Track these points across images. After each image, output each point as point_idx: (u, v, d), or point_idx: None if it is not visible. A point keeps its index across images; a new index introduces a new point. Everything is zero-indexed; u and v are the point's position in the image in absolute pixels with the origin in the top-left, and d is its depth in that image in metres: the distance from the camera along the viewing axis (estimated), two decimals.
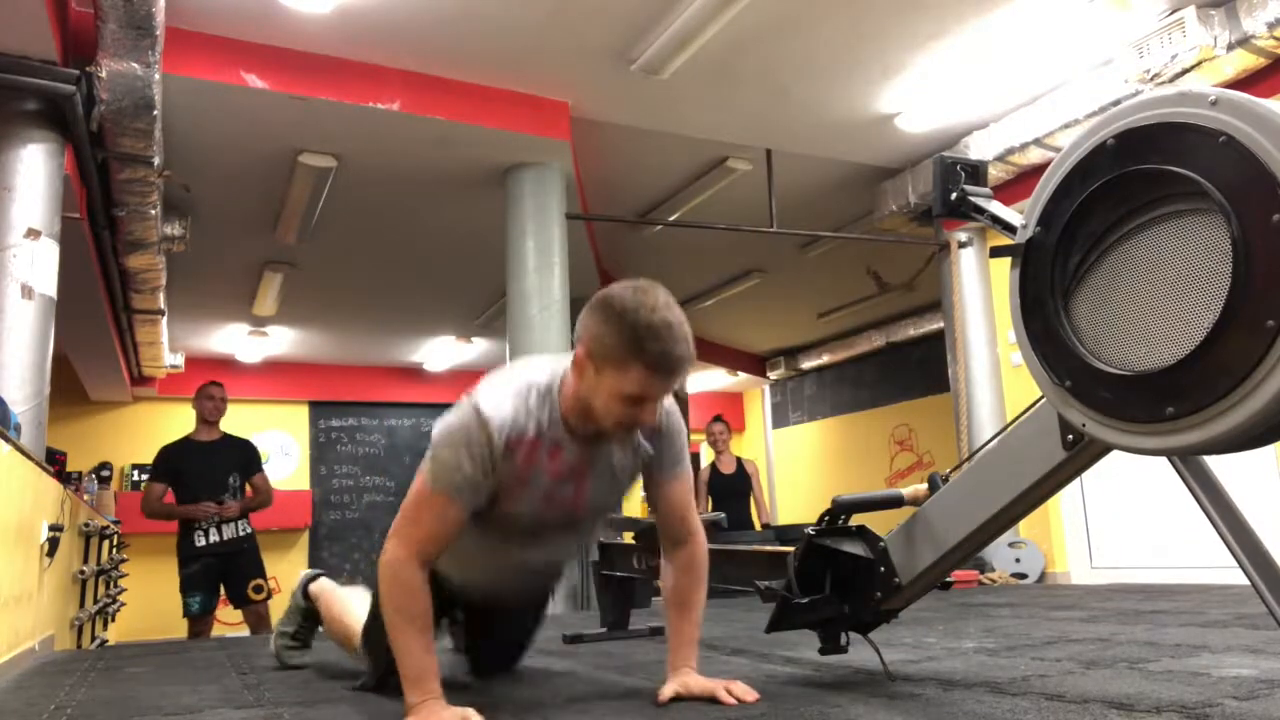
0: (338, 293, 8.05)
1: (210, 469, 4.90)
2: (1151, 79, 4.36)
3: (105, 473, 9.56)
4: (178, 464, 4.88)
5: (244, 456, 5.06)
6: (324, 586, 2.45)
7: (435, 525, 1.58)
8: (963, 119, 5.47)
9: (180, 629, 5.09)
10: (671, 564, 1.80)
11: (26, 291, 3.65)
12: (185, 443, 5.01)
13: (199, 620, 4.84)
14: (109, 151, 4.12)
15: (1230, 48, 4.22)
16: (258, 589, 4.98)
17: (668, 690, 1.65)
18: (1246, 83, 4.41)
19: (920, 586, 1.65)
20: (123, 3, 3.32)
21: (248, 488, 4.99)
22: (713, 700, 1.61)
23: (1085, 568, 5.74)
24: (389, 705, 1.77)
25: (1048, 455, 1.35)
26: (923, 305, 8.85)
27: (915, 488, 1.70)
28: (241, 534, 4.96)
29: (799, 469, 11.58)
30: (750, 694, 1.62)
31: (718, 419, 6.92)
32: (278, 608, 5.16)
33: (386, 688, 1.82)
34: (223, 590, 4.93)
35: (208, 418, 5.01)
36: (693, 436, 11.12)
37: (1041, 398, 1.33)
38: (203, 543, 4.82)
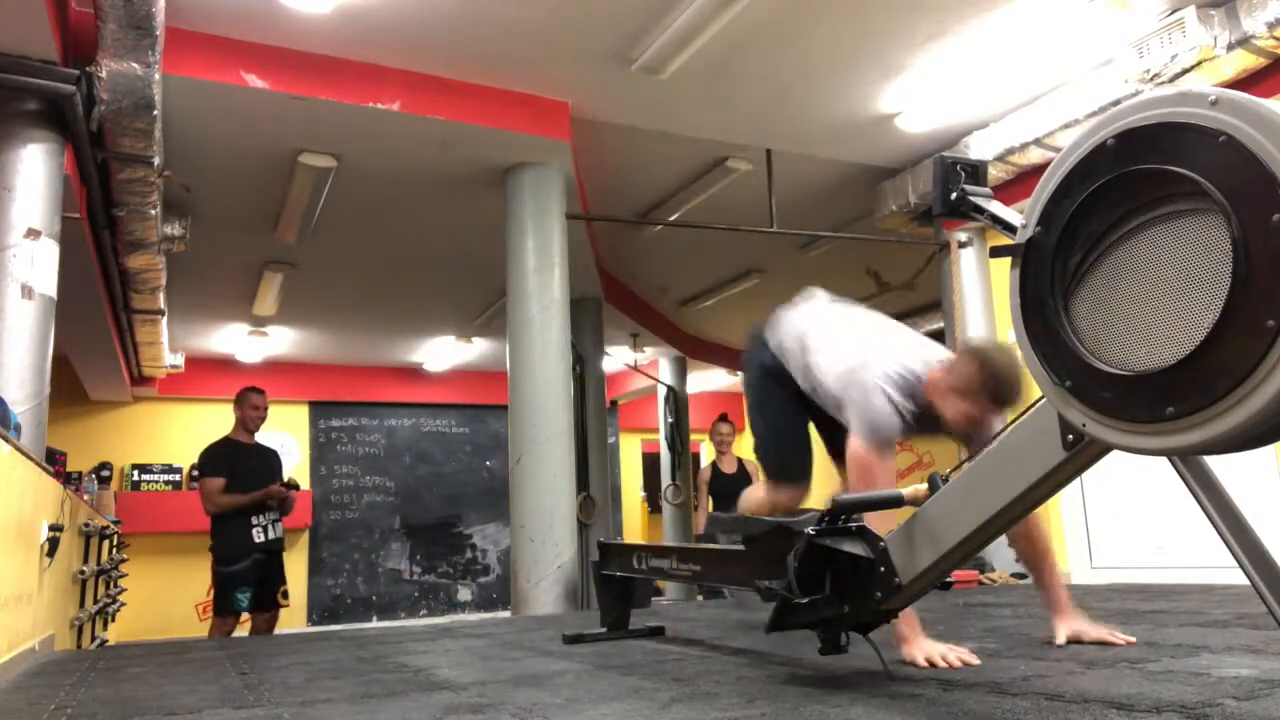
0: (338, 293, 8.05)
1: (258, 470, 5.00)
2: (1151, 79, 4.36)
3: (105, 473, 9.57)
4: (231, 462, 4.94)
5: (278, 463, 5.20)
6: None
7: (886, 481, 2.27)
8: (963, 119, 5.47)
9: (183, 628, 5.10)
10: (1017, 531, 2.35)
11: (26, 291, 3.65)
12: (231, 443, 5.08)
13: (237, 617, 4.84)
14: (109, 151, 4.12)
15: (1230, 48, 4.21)
16: (284, 594, 5.02)
17: (1061, 635, 2.27)
18: (1246, 83, 4.41)
19: (920, 586, 1.65)
20: (123, 3, 3.32)
21: None
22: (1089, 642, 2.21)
23: (1085, 568, 5.74)
24: (390, 705, 1.78)
25: (1048, 455, 1.35)
26: (923, 305, 8.85)
27: (915, 488, 1.70)
28: (281, 536, 5.02)
29: None
30: (1125, 638, 2.21)
31: (724, 419, 6.92)
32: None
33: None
34: None
35: (251, 427, 5.11)
36: (695, 436, 11.14)
37: (1042, 397, 1.33)
38: (262, 539, 4.90)
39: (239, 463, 4.95)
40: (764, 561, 2.00)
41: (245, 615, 5.00)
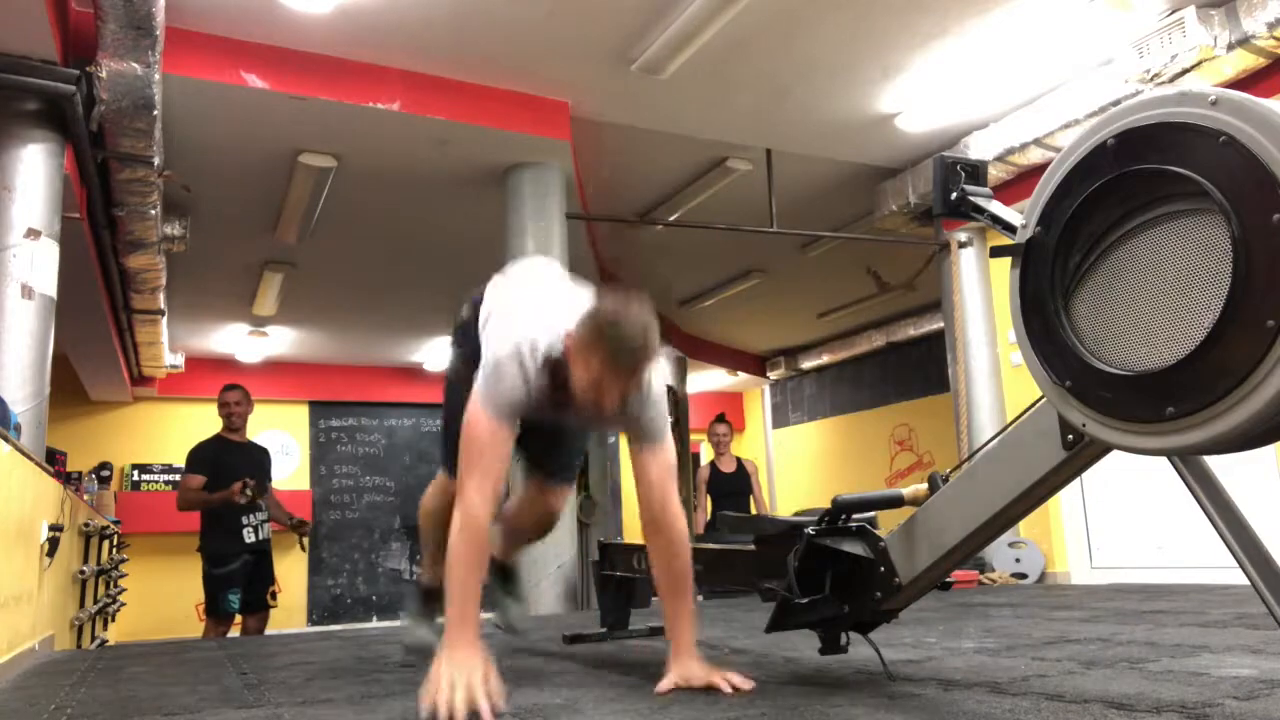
0: (338, 293, 8.05)
1: (241, 468, 4.97)
2: (1151, 79, 4.36)
3: (105, 473, 9.56)
4: (215, 461, 4.92)
5: (267, 461, 5.17)
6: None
7: (493, 453, 1.86)
8: (963, 119, 5.46)
9: (183, 628, 5.08)
10: (653, 546, 1.95)
11: (26, 291, 3.65)
12: (220, 440, 5.06)
13: (231, 619, 4.82)
14: (109, 151, 4.12)
15: (1230, 48, 4.21)
16: (273, 595, 5.00)
17: (666, 682, 1.80)
18: (1246, 83, 4.41)
19: (920, 587, 1.65)
20: (123, 3, 3.32)
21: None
22: (711, 690, 1.73)
23: (1085, 568, 5.74)
24: (390, 705, 1.77)
25: (1048, 455, 1.35)
26: (923, 305, 8.85)
27: (915, 488, 1.70)
28: (268, 537, 5.00)
29: (799, 469, 11.58)
30: (746, 683, 1.76)
31: (721, 419, 6.92)
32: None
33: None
34: None
35: (234, 424, 5.09)
36: (695, 436, 11.13)
37: (1042, 397, 1.33)
38: (251, 539, 4.87)
39: (223, 460, 4.92)
40: (774, 562, 1.95)
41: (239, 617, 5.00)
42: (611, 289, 1.90)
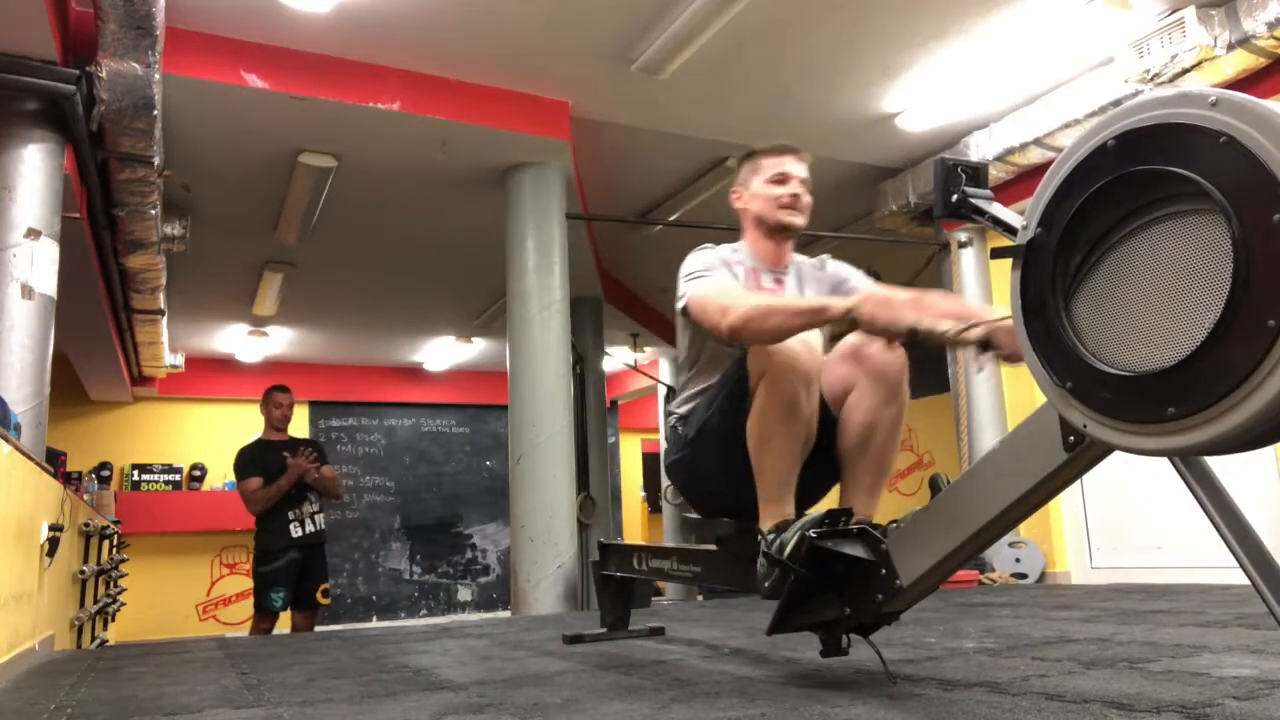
0: (338, 293, 8.05)
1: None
2: (1152, 79, 4.36)
3: (105, 473, 9.56)
4: (263, 462, 4.90)
5: (318, 454, 5.12)
6: None
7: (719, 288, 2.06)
8: (963, 119, 5.47)
9: (183, 628, 5.07)
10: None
11: (26, 291, 3.65)
12: (262, 444, 5.04)
13: (274, 617, 4.82)
14: (109, 151, 4.12)
15: (1230, 48, 4.22)
16: (326, 593, 4.97)
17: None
18: (1246, 83, 4.41)
19: (922, 589, 1.65)
20: (123, 3, 3.32)
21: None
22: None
23: (1085, 568, 5.74)
24: (390, 705, 1.78)
25: (1049, 456, 1.35)
26: None
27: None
28: (322, 529, 4.98)
29: None
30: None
31: None
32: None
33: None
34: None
35: (278, 425, 5.08)
36: None
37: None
38: (298, 533, 4.85)
39: (270, 460, 4.89)
40: (736, 561, 2.02)
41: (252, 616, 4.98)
42: None
